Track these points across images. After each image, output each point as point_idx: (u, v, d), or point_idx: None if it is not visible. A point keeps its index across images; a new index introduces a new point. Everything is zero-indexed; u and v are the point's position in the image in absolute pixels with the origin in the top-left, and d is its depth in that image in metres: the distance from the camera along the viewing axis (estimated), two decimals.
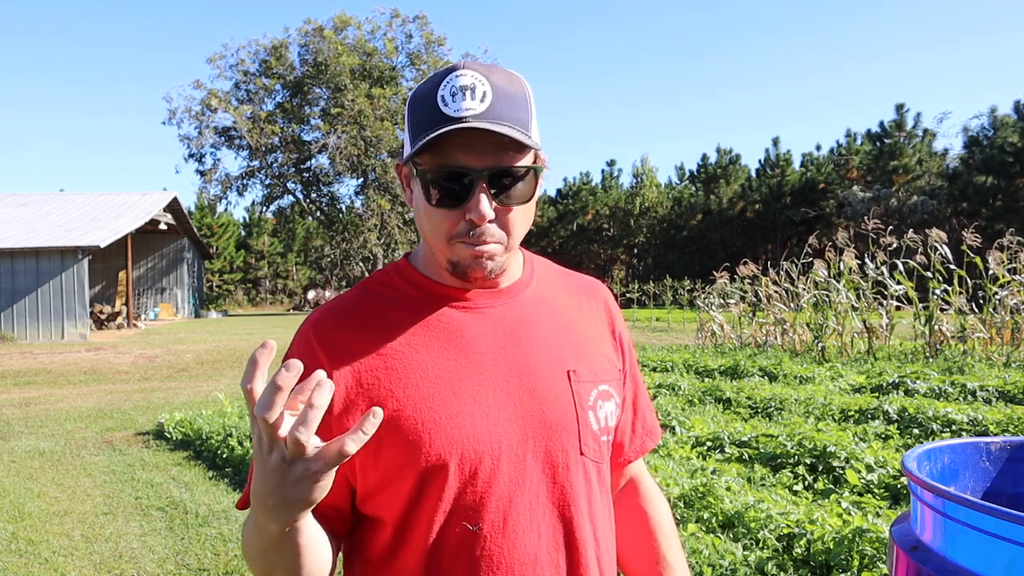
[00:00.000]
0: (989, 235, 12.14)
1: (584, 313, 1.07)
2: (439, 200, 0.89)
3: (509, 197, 0.90)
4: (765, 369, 9.01)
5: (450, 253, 0.92)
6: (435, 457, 0.88)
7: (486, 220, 0.89)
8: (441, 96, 0.87)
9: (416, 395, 0.90)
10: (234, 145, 36.62)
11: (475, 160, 0.88)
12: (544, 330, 1.00)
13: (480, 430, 0.90)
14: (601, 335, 1.06)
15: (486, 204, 0.88)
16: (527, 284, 1.03)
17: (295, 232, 44.62)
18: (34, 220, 23.93)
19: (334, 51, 34.40)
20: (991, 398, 6.72)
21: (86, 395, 10.45)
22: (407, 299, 0.98)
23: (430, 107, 0.88)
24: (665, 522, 1.18)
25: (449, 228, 0.90)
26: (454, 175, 0.88)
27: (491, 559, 0.90)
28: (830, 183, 37.97)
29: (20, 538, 4.41)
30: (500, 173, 0.89)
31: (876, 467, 4.46)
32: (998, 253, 10.44)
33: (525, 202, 0.92)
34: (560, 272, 1.12)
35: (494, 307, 0.98)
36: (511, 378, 0.94)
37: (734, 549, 3.27)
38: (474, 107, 0.86)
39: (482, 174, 0.88)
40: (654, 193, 44.99)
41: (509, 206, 0.91)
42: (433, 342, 0.94)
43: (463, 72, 0.88)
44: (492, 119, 0.86)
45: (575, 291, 1.09)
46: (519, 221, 0.93)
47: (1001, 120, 31.89)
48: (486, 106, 0.86)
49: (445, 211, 0.90)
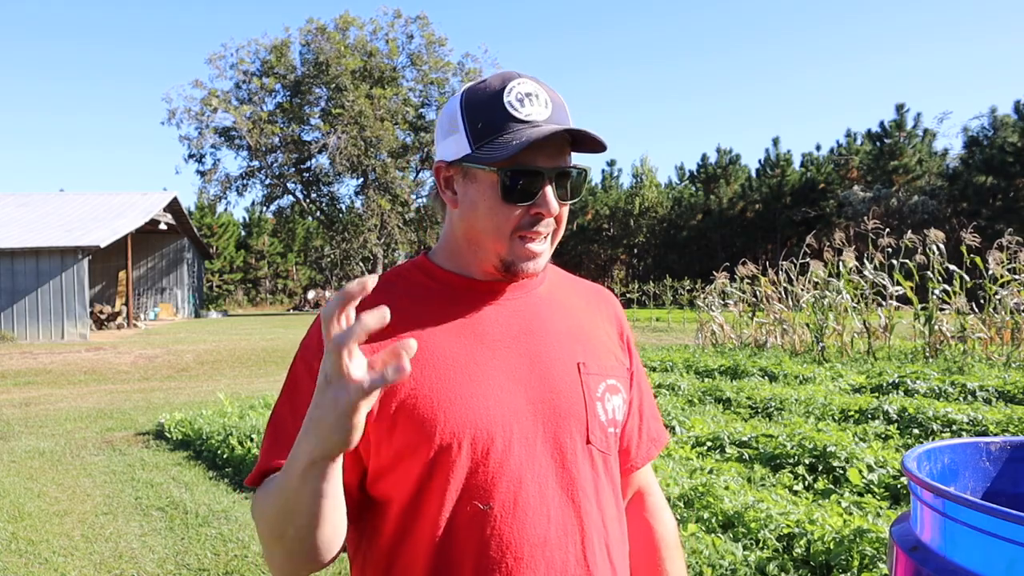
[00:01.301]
0: (989, 235, 12.14)
1: (593, 315, 1.12)
2: (515, 196, 0.96)
3: (567, 194, 1.00)
4: (765, 369, 9.01)
5: (506, 250, 0.98)
6: (448, 435, 0.91)
7: (554, 214, 0.98)
8: (508, 102, 0.96)
9: (432, 375, 0.93)
10: (234, 145, 36.63)
11: (546, 161, 0.97)
12: (556, 324, 1.04)
13: (493, 412, 0.94)
14: (609, 335, 1.11)
15: (554, 199, 0.97)
16: (540, 283, 1.08)
17: (295, 232, 44.59)
18: (34, 220, 23.92)
19: (335, 51, 34.39)
20: (991, 398, 6.72)
21: (86, 395, 10.45)
22: (425, 290, 1.02)
23: (498, 111, 0.96)
24: (670, 538, 1.19)
25: (513, 222, 0.97)
26: (530, 173, 0.96)
27: (501, 539, 0.91)
28: (830, 183, 37.96)
29: (20, 538, 4.41)
30: (563, 173, 0.98)
31: (876, 467, 4.46)
32: (998, 253, 10.44)
33: (576, 198, 1.02)
34: (570, 277, 1.18)
35: (511, 299, 1.03)
36: (524, 365, 0.98)
37: (734, 549, 3.27)
38: (542, 112, 0.96)
39: (551, 172, 0.97)
40: (654, 193, 44.95)
41: (565, 203, 1.00)
42: (449, 328, 0.98)
43: (522, 80, 0.98)
44: (557, 124, 0.96)
45: (584, 295, 1.15)
46: (566, 218, 1.02)
47: (1001, 120, 31.86)
48: (550, 112, 0.97)
49: (513, 206, 0.96)
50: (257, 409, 7.60)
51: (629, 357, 1.12)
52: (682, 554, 1.21)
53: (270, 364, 13.75)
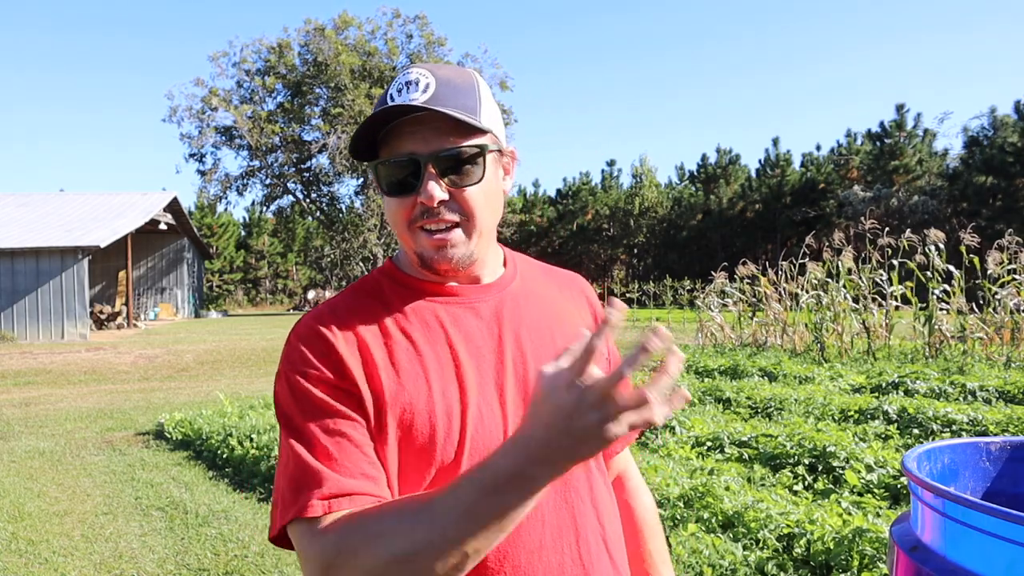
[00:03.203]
0: (989, 235, 12.14)
1: (570, 306, 1.09)
2: (393, 189, 0.92)
3: (460, 179, 0.92)
4: (765, 369, 9.01)
5: (414, 244, 0.94)
6: (450, 450, 0.89)
7: (435, 201, 0.90)
8: (390, 94, 0.91)
9: (426, 389, 0.91)
10: (234, 144, 36.63)
11: (421, 146, 0.90)
12: (535, 321, 1.02)
13: (487, 422, 0.92)
14: (586, 324, 1.07)
15: (434, 186, 0.90)
16: (512, 279, 1.05)
17: (295, 232, 44.59)
18: (34, 220, 23.93)
19: (334, 51, 34.39)
20: (991, 398, 6.72)
21: (86, 395, 10.45)
22: (396, 299, 0.98)
23: (380, 104, 0.91)
24: (651, 517, 1.21)
25: (405, 215, 0.93)
26: (403, 162, 0.91)
27: (497, 549, 0.90)
28: (830, 183, 37.96)
29: (20, 538, 4.41)
30: (446, 155, 0.91)
31: (876, 467, 4.46)
32: (997, 253, 10.44)
33: (477, 183, 0.93)
34: (542, 267, 1.14)
35: (484, 301, 0.99)
36: (509, 369, 0.96)
37: (734, 549, 3.27)
38: (416, 98, 0.89)
39: (428, 158, 0.90)
40: (654, 193, 44.95)
41: (462, 187, 0.92)
42: (433, 337, 0.95)
43: (411, 70, 0.93)
44: (433, 106, 0.89)
45: (557, 284, 1.12)
46: (479, 203, 0.94)
47: (1001, 120, 31.88)
48: (428, 95, 0.89)
49: (400, 199, 0.93)
50: (257, 409, 7.59)
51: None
52: (662, 533, 1.22)
53: (270, 364, 13.74)
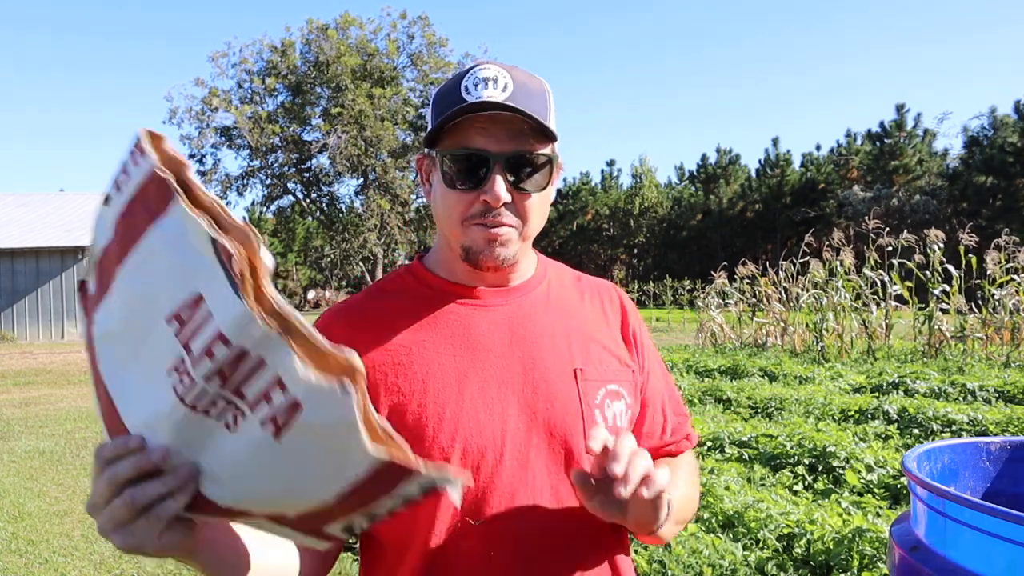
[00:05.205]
0: (989, 235, 12.12)
1: (596, 315, 1.06)
2: (458, 181, 0.91)
3: (526, 183, 0.92)
4: (765, 369, 9.00)
5: (464, 237, 0.93)
6: (438, 451, 0.88)
7: (501, 202, 0.90)
8: (464, 87, 0.90)
9: (420, 390, 0.91)
10: (234, 145, 36.60)
11: (494, 144, 0.90)
12: (552, 329, 0.99)
13: (484, 425, 0.91)
14: (613, 337, 1.05)
15: (502, 186, 0.89)
16: (538, 283, 1.03)
17: (295, 232, 44.56)
18: (34, 220, 23.91)
19: (335, 51, 34.39)
20: (991, 398, 6.72)
21: (86, 395, 10.44)
22: (417, 297, 0.98)
23: (453, 97, 0.90)
24: (685, 458, 1.11)
25: (464, 209, 0.92)
26: (472, 157, 0.90)
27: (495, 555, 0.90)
28: (830, 183, 37.98)
29: (20, 538, 4.40)
30: (517, 158, 0.90)
31: (876, 467, 4.45)
32: (995, 253, 10.44)
33: (541, 190, 0.93)
34: (573, 275, 1.12)
35: (503, 305, 0.99)
36: (517, 375, 0.94)
37: (734, 549, 3.27)
38: (495, 95, 0.88)
39: (500, 157, 0.89)
40: (654, 193, 44.97)
41: (527, 192, 0.92)
42: (440, 338, 0.95)
43: (487, 66, 0.92)
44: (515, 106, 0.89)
45: (587, 293, 1.09)
46: (535, 209, 0.94)
47: (1001, 120, 31.90)
48: (507, 95, 0.88)
49: (461, 193, 0.91)
50: None
51: (638, 356, 1.06)
52: (695, 475, 1.11)
53: None
